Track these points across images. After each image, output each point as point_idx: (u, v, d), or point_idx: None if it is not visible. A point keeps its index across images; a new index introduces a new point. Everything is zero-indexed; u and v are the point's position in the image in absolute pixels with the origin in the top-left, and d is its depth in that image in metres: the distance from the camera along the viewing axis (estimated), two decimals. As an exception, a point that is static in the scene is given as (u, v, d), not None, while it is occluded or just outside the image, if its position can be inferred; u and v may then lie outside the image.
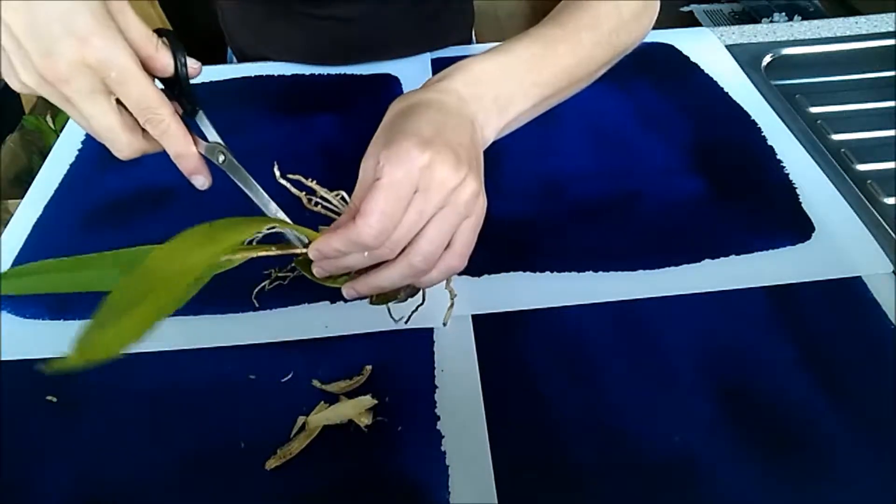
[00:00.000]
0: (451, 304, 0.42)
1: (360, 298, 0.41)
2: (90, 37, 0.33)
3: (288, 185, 0.41)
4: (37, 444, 0.44)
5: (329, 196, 0.41)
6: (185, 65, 0.37)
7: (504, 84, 0.42)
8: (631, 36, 0.50)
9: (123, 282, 0.34)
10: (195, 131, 0.40)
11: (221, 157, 0.40)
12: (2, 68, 0.36)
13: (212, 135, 0.39)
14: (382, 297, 0.42)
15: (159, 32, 0.37)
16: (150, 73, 0.37)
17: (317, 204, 0.41)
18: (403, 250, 0.37)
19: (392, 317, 0.43)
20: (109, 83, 0.35)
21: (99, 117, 0.36)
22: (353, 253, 0.37)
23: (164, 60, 0.37)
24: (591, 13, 0.47)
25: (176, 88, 0.38)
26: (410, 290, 0.42)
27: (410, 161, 0.35)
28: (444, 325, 0.44)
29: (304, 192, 0.41)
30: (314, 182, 0.41)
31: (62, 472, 0.42)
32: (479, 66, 0.42)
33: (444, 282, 0.42)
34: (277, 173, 0.41)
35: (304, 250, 0.39)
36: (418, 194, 0.35)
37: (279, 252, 0.40)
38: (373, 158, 0.37)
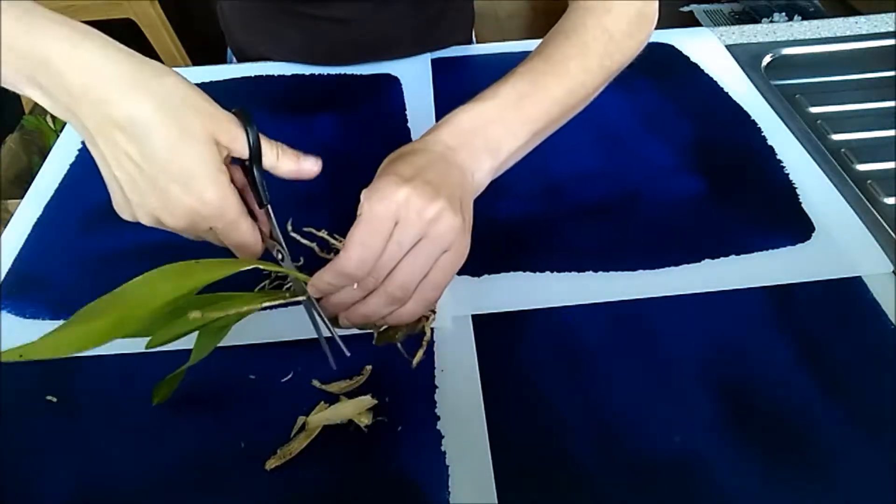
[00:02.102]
0: (423, 347, 0.44)
1: (365, 330, 0.44)
2: (205, 194, 0.36)
3: (299, 237, 0.43)
4: (37, 444, 0.44)
5: (339, 245, 0.43)
6: (258, 147, 0.39)
7: (492, 128, 0.43)
8: (625, 54, 0.50)
9: (98, 300, 0.36)
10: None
11: (280, 256, 0.42)
12: (114, 203, 0.38)
13: (275, 225, 0.42)
14: (383, 337, 0.44)
15: (237, 114, 0.38)
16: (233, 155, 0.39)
17: (329, 252, 0.43)
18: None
19: (406, 356, 0.45)
20: (214, 228, 0.38)
21: (214, 241, 0.40)
22: (345, 286, 0.40)
23: (244, 149, 0.38)
24: (577, 41, 0.47)
25: (250, 175, 0.39)
26: (408, 330, 0.44)
27: (388, 196, 0.37)
28: (413, 367, 0.45)
29: (315, 243, 0.43)
30: (324, 232, 0.43)
31: (62, 472, 0.42)
32: (465, 115, 0.43)
33: (427, 325, 0.44)
34: (290, 228, 0.43)
35: (309, 292, 0.41)
36: (398, 226, 0.38)
37: (290, 300, 0.42)
38: (361, 202, 0.39)
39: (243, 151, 0.38)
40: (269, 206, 0.41)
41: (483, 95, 0.44)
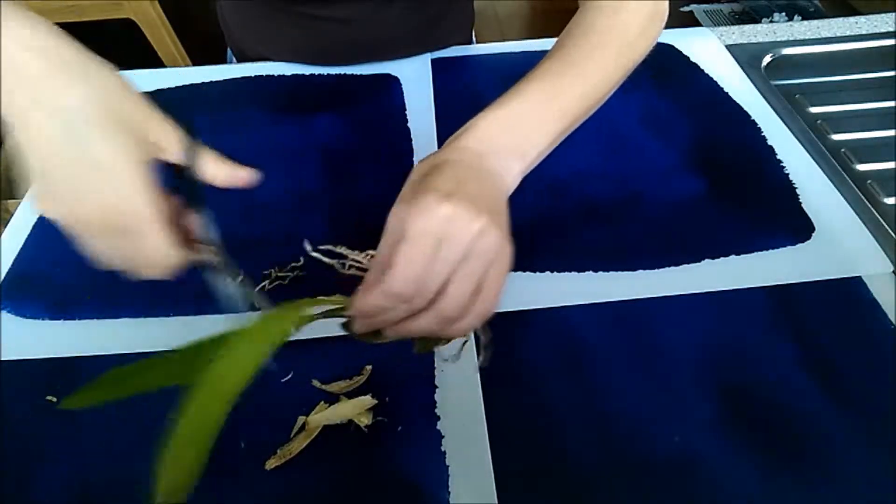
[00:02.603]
0: (488, 344, 0.43)
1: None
2: (122, 185, 0.34)
3: (319, 255, 0.43)
4: (36, 443, 0.44)
5: (360, 258, 0.43)
6: (193, 152, 0.38)
7: (518, 130, 0.43)
8: (637, 52, 0.50)
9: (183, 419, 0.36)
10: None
11: (216, 259, 0.40)
12: (35, 197, 0.36)
13: (212, 232, 0.40)
14: (424, 345, 0.43)
15: (178, 122, 0.38)
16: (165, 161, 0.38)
17: (349, 268, 0.43)
18: (434, 299, 0.39)
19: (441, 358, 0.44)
20: (126, 231, 0.36)
21: (121, 261, 0.38)
22: (390, 308, 0.39)
23: (174, 151, 0.38)
24: (594, 38, 0.48)
25: (184, 182, 0.38)
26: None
27: (432, 214, 0.37)
28: (482, 368, 0.44)
29: (335, 260, 0.44)
30: (343, 248, 0.43)
31: (61, 472, 0.42)
32: (491, 120, 0.43)
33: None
34: (308, 247, 0.42)
35: (350, 314, 0.41)
36: (443, 244, 0.37)
37: (325, 318, 0.42)
38: (397, 216, 0.38)
39: (173, 153, 0.37)
40: (206, 211, 0.39)
41: (505, 99, 0.44)
